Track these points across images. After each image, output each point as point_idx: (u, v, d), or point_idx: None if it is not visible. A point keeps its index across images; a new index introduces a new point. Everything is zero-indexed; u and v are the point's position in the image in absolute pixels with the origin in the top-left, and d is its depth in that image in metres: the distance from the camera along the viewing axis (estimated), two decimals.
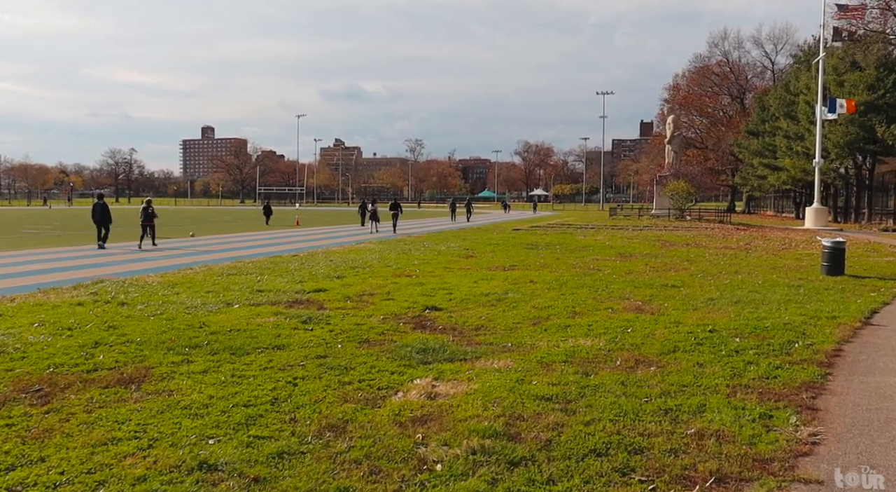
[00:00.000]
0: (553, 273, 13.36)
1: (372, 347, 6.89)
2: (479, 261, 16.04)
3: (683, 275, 13.28)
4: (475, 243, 21.87)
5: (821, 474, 3.86)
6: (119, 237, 22.70)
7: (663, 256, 17.45)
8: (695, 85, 74.62)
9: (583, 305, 9.46)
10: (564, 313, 8.76)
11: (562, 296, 10.26)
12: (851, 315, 8.73)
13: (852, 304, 9.68)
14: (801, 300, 9.97)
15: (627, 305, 9.42)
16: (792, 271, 14.14)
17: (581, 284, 11.68)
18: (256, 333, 7.41)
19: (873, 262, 16.47)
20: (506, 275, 12.98)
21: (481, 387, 5.40)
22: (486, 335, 7.48)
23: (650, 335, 7.39)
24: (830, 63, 38.86)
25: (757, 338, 7.31)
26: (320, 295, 10.24)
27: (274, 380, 5.55)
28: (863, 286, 11.83)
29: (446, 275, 13.02)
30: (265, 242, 23.35)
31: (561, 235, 27.04)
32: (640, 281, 12.16)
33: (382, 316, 8.52)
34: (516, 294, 10.37)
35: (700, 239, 24.40)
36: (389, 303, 9.53)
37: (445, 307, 9.19)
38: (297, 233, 29.97)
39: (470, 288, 11.04)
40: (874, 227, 33.99)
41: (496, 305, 9.44)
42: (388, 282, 11.87)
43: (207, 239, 24.83)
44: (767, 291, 10.99)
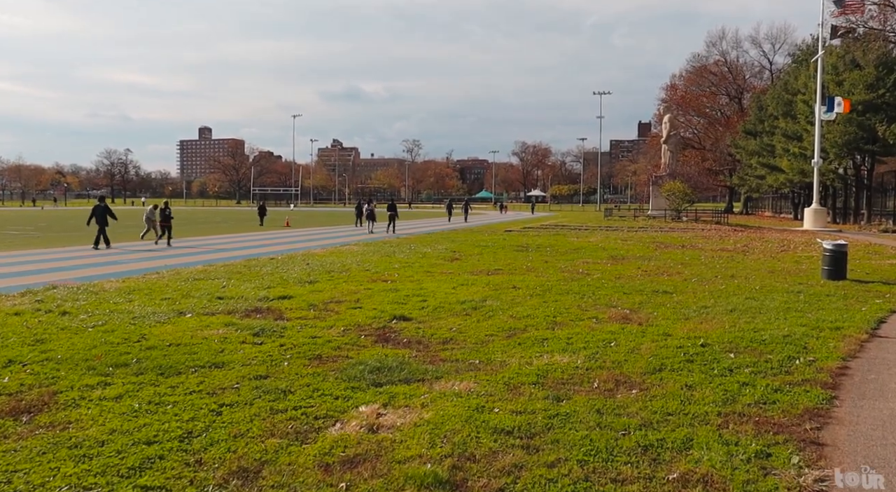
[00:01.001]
0: (539, 278, 12.64)
1: (323, 364, 6.15)
2: (463, 264, 15.31)
3: (676, 280, 12.56)
4: (464, 245, 21.14)
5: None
6: (121, 236, 21.98)
7: (657, 259, 16.73)
8: (692, 85, 73.98)
9: (565, 314, 8.72)
10: (544, 324, 8.02)
11: (544, 304, 9.53)
12: (856, 326, 8.01)
13: (857, 312, 8.96)
14: (802, 308, 9.25)
15: (614, 314, 8.69)
16: (791, 275, 13.43)
17: (566, 290, 10.95)
18: (198, 348, 6.66)
19: (876, 265, 15.76)
20: (488, 280, 12.25)
21: (434, 416, 4.67)
22: (453, 350, 6.75)
23: (635, 350, 6.65)
24: (829, 62, 38.20)
25: (753, 353, 6.58)
26: (284, 303, 9.50)
27: (196, 408, 4.81)
28: (867, 292, 11.12)
29: (425, 280, 12.29)
30: (250, 244, 22.60)
31: (553, 236, 26.32)
32: (629, 286, 11.44)
33: (344, 328, 7.78)
34: (495, 302, 9.64)
35: (696, 241, 23.69)
36: (356, 312, 8.79)
37: (415, 317, 8.46)
38: (286, 234, 29.21)
39: (447, 295, 10.30)
40: (874, 228, 33.30)
41: (471, 314, 8.71)
42: (362, 288, 11.14)
43: (192, 240, 24.06)
44: (765, 297, 10.27)
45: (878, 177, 40.07)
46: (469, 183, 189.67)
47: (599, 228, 32.23)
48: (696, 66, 73.96)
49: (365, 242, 23.10)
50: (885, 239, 25.52)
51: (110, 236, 20.21)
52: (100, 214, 19.70)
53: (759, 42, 76.65)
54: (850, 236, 27.22)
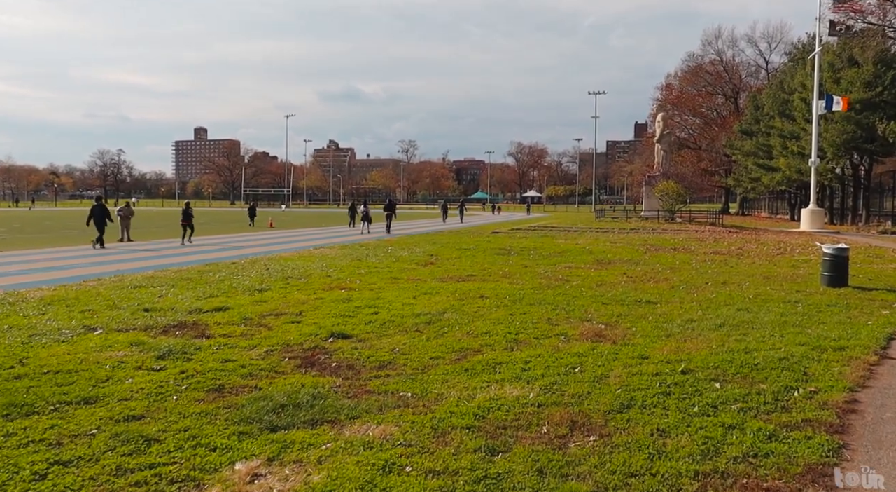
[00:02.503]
0: (512, 285, 11.56)
1: (221, 398, 5.07)
2: (435, 269, 14.22)
3: (663, 287, 11.49)
4: (444, 248, 20.06)
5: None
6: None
7: (645, 264, 15.66)
8: (688, 84, 73.03)
9: (531, 329, 7.64)
10: (503, 343, 6.94)
11: (510, 317, 8.45)
12: (863, 344, 6.95)
13: (862, 327, 7.90)
14: (800, 322, 8.18)
15: (587, 330, 7.61)
16: (788, 282, 12.38)
17: (539, 299, 9.86)
18: (79, 376, 5.56)
19: (878, 269, 14.72)
20: (456, 287, 11.16)
21: (323, 482, 3.58)
22: (387, 378, 5.67)
23: (602, 379, 5.57)
24: (826, 59, 37.23)
25: (743, 382, 5.51)
26: (216, 316, 8.40)
27: (16, 468, 3.71)
28: (871, 301, 10.07)
29: (387, 287, 11.20)
30: (227, 246, 21.46)
31: (541, 238, 25.25)
32: (610, 295, 10.36)
33: (268, 348, 6.68)
34: (455, 314, 8.56)
35: (689, 243, 22.64)
36: (292, 327, 7.70)
37: (357, 334, 7.37)
38: (270, 235, 28.07)
39: (403, 306, 9.22)
40: (872, 229, 32.32)
41: (423, 330, 7.62)
42: (313, 297, 10.04)
43: (172, 242, 22.91)
44: (759, 308, 9.20)
45: (876, 177, 39.09)
46: (465, 184, 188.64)
47: (590, 229, 31.17)
48: (692, 65, 73.04)
49: (344, 243, 22.00)
50: (884, 241, 24.51)
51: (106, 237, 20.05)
52: (98, 214, 19.94)
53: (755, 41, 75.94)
54: (848, 238, 26.21)
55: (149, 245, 21.77)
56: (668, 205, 34.29)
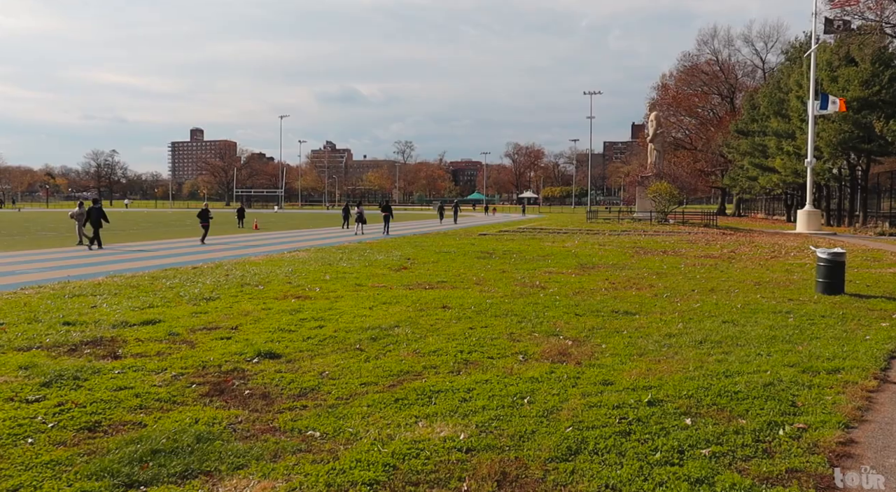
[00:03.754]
0: (483, 293, 10.71)
1: (88, 440, 4.20)
2: (407, 275, 13.37)
3: (646, 295, 10.66)
4: (425, 251, 19.21)
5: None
6: (115, 238, 20.07)
7: (631, 268, 14.82)
8: (684, 84, 72.28)
9: (488, 347, 6.79)
10: (450, 364, 6.09)
11: (468, 331, 7.60)
12: (861, 365, 6.11)
13: (859, 343, 7.07)
14: (791, 337, 7.35)
15: (550, 348, 6.76)
16: (780, 288, 11.55)
17: (507, 310, 9.02)
18: None
19: (876, 274, 13.91)
20: (420, 296, 10.31)
21: None
22: (301, 410, 4.82)
23: (553, 412, 4.73)
24: (823, 58, 36.47)
25: (720, 416, 4.67)
26: (141, 330, 7.53)
27: None
28: (869, 311, 9.24)
29: (346, 296, 10.34)
30: (203, 249, 20.57)
31: (528, 240, 24.41)
32: (586, 305, 9.52)
33: (179, 371, 5.82)
34: (408, 328, 7.70)
35: (680, 246, 21.81)
36: (218, 345, 6.84)
37: (288, 353, 6.50)
38: (253, 237, 27.19)
39: (354, 317, 8.36)
40: (869, 231, 31.53)
41: (366, 347, 6.77)
42: (260, 307, 9.18)
43: (152, 244, 22.01)
44: (746, 320, 8.37)
45: (873, 177, 38.31)
46: (462, 185, 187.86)
47: (580, 231, 30.30)
48: (688, 65, 72.31)
49: (323, 247, 21.15)
50: (882, 243, 23.72)
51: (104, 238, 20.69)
52: (94, 215, 20.27)
53: (751, 40, 75.02)
54: (845, 240, 25.43)
55: (131, 246, 20.88)
56: (661, 206, 33.45)
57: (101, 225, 20.29)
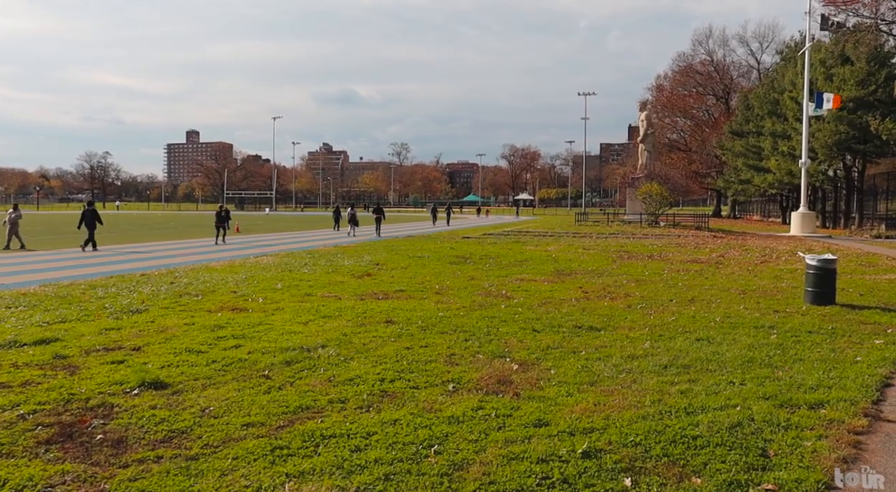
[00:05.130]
0: (440, 304, 9.76)
1: None
2: (367, 283, 12.42)
3: (618, 306, 9.72)
4: (398, 256, 18.27)
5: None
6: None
7: (610, 274, 13.90)
8: (678, 85, 71.49)
9: (418, 372, 5.85)
10: (363, 397, 5.13)
11: (403, 351, 6.65)
12: (849, 395, 5.19)
13: (849, 366, 6.14)
14: (770, 359, 6.42)
15: (490, 374, 5.82)
16: (766, 298, 10.64)
17: (458, 325, 8.07)
18: None
19: (871, 281, 13.00)
20: (368, 307, 9.35)
21: None
22: (150, 464, 3.86)
23: (463, 467, 3.78)
24: (818, 57, 35.64)
25: (668, 474, 3.73)
26: (25, 352, 6.56)
27: None
28: (861, 325, 8.33)
29: (288, 308, 9.39)
30: (169, 254, 19.58)
31: (511, 244, 23.46)
32: (549, 318, 8.58)
33: (35, 406, 4.86)
34: (335, 348, 6.75)
35: (667, 250, 20.89)
36: (104, 370, 5.87)
37: (179, 382, 5.54)
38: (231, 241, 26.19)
39: (282, 335, 7.41)
40: (865, 233, 30.66)
41: (275, 374, 5.81)
42: (183, 322, 8.22)
43: (125, 247, 21.02)
44: (724, 337, 7.44)
45: (869, 179, 37.47)
46: (458, 187, 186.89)
47: (567, 234, 29.37)
48: (682, 65, 71.49)
49: (294, 252, 20.18)
50: (878, 246, 22.83)
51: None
52: (89, 217, 20.52)
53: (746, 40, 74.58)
54: (840, 242, 24.54)
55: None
56: (652, 208, 32.52)
57: (95, 227, 20.47)
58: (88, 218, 20.58)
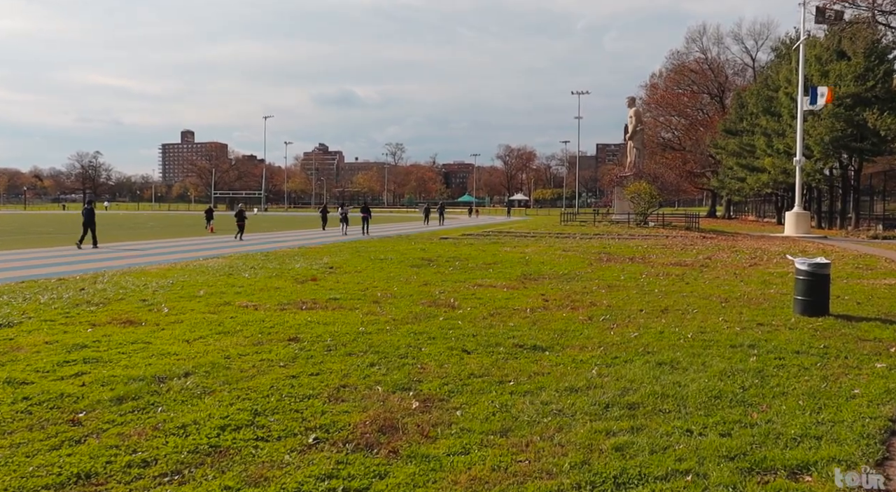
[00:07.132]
0: (370, 316, 8.39)
1: None
2: (306, 289, 11.05)
3: (577, 318, 8.37)
4: (359, 258, 16.91)
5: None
6: None
7: (581, 279, 12.55)
8: (673, 84, 70.22)
9: (283, 415, 4.47)
10: (182, 455, 3.74)
11: (286, 381, 5.26)
12: (844, 451, 3.84)
13: (843, 404, 4.79)
14: (745, 394, 5.06)
15: (376, 415, 4.44)
16: (751, 307, 9.30)
17: (374, 344, 6.69)
18: None
19: (869, 287, 11.68)
20: (281, 320, 7.96)
21: None
22: None
23: None
24: (813, 53, 34.36)
25: None
26: None
27: None
28: (859, 342, 7.00)
29: (188, 320, 7.99)
30: (131, 254, 18.17)
31: (486, 245, 22.09)
32: (489, 334, 7.22)
33: None
34: (198, 378, 5.36)
35: (651, 251, 19.54)
36: None
37: None
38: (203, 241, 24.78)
39: (151, 357, 6.02)
40: (862, 233, 29.37)
41: (93, 417, 4.42)
42: (45, 340, 6.82)
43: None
44: (691, 361, 6.08)
45: (866, 178, 36.18)
46: (454, 187, 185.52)
47: (550, 234, 28.01)
48: (676, 63, 70.25)
49: (251, 253, 18.80)
50: (875, 248, 21.52)
51: None
52: (87, 217, 21.07)
53: (741, 38, 73.36)
54: (836, 243, 23.24)
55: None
56: (640, 207, 31.19)
57: (94, 225, 21.06)
58: (86, 217, 21.21)
